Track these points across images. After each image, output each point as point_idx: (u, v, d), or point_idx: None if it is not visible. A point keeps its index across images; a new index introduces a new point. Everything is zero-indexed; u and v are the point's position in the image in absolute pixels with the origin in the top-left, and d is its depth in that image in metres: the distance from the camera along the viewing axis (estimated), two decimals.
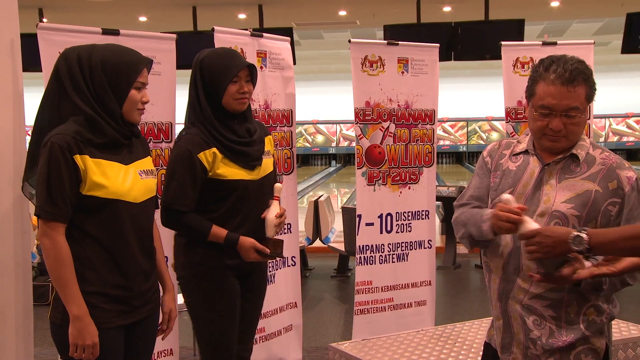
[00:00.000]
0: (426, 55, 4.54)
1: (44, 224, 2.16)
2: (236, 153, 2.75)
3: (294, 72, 4.24)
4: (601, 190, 2.03)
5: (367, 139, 4.40)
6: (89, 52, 2.23)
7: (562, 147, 2.10)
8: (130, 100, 2.23)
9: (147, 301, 2.34)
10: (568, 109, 2.04)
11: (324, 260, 7.67)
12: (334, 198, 14.84)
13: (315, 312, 5.86)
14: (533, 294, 2.08)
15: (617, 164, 2.07)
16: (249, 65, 2.78)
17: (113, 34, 3.33)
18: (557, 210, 2.05)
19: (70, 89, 2.19)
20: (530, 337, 2.10)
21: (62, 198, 2.14)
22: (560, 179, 2.09)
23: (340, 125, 23.09)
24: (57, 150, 2.12)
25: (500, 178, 2.21)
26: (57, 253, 2.15)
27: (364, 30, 11.78)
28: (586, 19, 11.82)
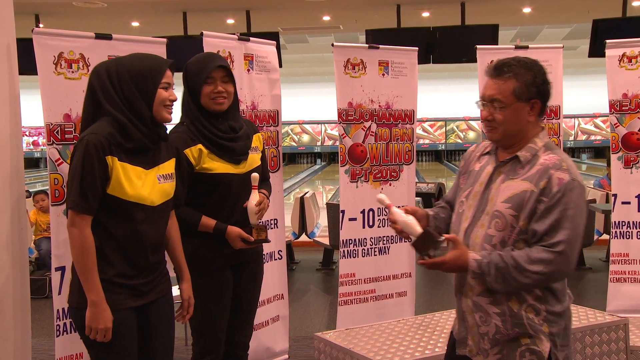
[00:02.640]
0: (406, 58, 4.55)
1: (75, 215, 2.23)
2: (221, 148, 2.77)
3: (280, 75, 4.23)
4: (535, 189, 2.01)
5: (350, 138, 4.40)
6: (116, 64, 2.33)
7: (498, 139, 2.11)
8: (158, 99, 2.30)
9: (156, 285, 2.41)
10: (491, 99, 2.07)
11: (310, 254, 7.67)
12: (319, 194, 14.83)
13: (301, 304, 5.87)
14: (479, 290, 2.09)
15: (554, 165, 2.02)
16: (222, 66, 2.77)
17: (106, 38, 3.30)
18: (497, 210, 2.05)
19: (102, 99, 2.28)
20: (480, 332, 2.12)
21: (93, 193, 2.22)
22: (504, 179, 2.09)
23: (324, 125, 23.09)
24: (92, 148, 2.20)
25: (466, 179, 2.24)
26: (83, 243, 2.23)
27: (347, 34, 11.78)
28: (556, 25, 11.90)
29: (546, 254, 1.97)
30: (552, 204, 1.97)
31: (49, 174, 3.14)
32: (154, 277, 2.40)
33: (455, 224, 2.22)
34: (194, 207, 2.74)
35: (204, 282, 2.77)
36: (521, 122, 2.08)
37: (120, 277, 2.29)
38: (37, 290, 5.82)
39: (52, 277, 3.16)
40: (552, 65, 4.77)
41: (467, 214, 2.15)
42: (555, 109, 4.81)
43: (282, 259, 4.24)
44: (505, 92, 2.05)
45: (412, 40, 5.48)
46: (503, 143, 2.13)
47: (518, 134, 2.10)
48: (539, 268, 1.97)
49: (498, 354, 2.09)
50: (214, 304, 2.82)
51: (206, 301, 2.79)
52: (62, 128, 3.15)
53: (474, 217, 2.12)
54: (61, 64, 3.14)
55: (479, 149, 2.28)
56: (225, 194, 2.78)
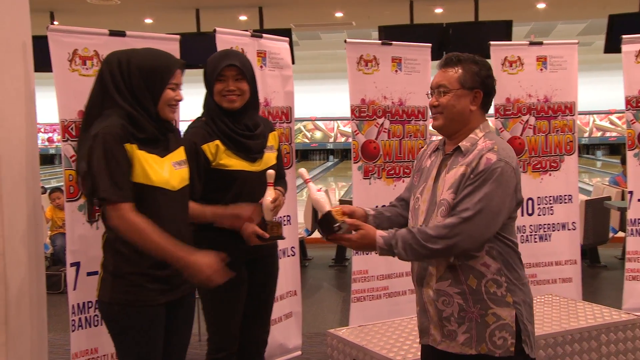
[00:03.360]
0: (419, 55, 4.53)
1: (114, 209, 2.20)
2: (238, 145, 2.78)
3: (293, 71, 4.23)
4: (469, 171, 2.09)
5: (363, 134, 4.40)
6: (128, 57, 2.32)
7: (440, 125, 2.21)
8: (164, 99, 2.31)
9: (185, 281, 2.38)
10: (437, 86, 2.20)
11: (323, 250, 7.68)
12: (332, 191, 14.84)
13: (314, 300, 5.87)
14: (438, 276, 2.15)
15: (487, 148, 2.11)
16: (234, 65, 2.77)
17: (119, 35, 3.32)
18: (443, 199, 2.13)
19: (112, 89, 2.27)
20: (444, 316, 2.15)
21: (124, 180, 2.21)
22: (448, 170, 2.17)
23: (337, 121, 23.07)
24: (110, 139, 2.19)
25: (418, 176, 2.32)
26: (137, 230, 2.20)
27: (360, 31, 11.75)
28: (571, 20, 11.80)
29: (451, 219, 2.06)
30: (473, 179, 2.07)
31: (64, 171, 3.17)
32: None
33: (412, 220, 2.30)
34: (210, 202, 2.74)
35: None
36: (463, 109, 2.18)
37: (154, 268, 2.29)
38: (52, 286, 5.86)
39: (67, 273, 3.19)
40: (567, 61, 4.75)
41: (422, 208, 2.22)
42: (570, 106, 4.77)
43: (295, 256, 4.25)
44: (450, 79, 2.18)
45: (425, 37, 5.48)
46: (446, 130, 2.22)
47: (460, 121, 2.19)
48: (444, 232, 2.04)
49: (466, 333, 2.12)
50: (228, 300, 2.83)
51: (221, 297, 2.80)
52: (76, 125, 3.17)
53: (428, 211, 2.20)
54: (76, 61, 3.17)
55: (430, 148, 2.38)
56: (241, 191, 2.79)
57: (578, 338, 3.28)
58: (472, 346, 2.11)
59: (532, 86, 4.69)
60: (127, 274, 2.28)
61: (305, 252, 7.46)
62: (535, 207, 4.71)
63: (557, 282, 4.75)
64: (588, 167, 18.72)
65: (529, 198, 4.69)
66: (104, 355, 3.28)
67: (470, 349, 2.11)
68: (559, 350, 3.22)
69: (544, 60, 4.71)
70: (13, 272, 2.79)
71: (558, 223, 4.77)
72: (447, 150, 2.23)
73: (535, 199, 4.71)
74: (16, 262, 2.84)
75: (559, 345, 3.23)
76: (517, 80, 4.67)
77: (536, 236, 4.72)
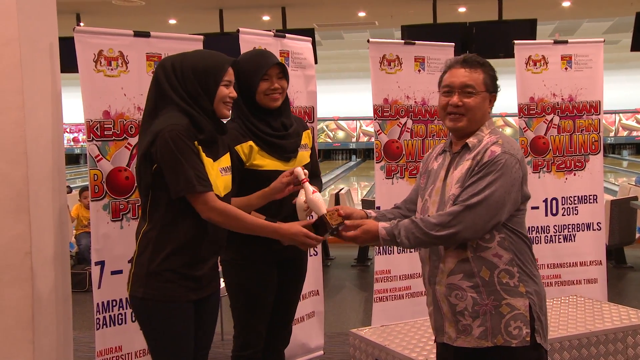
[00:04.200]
0: (442, 54, 4.51)
1: (200, 200, 2.24)
2: (271, 145, 2.78)
3: (316, 71, 4.23)
4: (473, 164, 2.13)
5: (386, 134, 4.39)
6: (181, 60, 2.36)
7: (462, 127, 2.20)
8: (219, 96, 2.34)
9: (211, 279, 2.45)
10: (464, 86, 2.18)
11: (345, 250, 7.67)
12: (354, 191, 14.81)
13: (337, 300, 5.87)
14: (449, 270, 2.17)
15: (492, 142, 2.15)
16: (279, 63, 2.79)
17: (144, 36, 3.35)
18: (452, 194, 2.15)
19: (170, 91, 2.31)
20: (458, 311, 2.16)
21: (204, 173, 2.25)
22: (456, 167, 2.20)
23: (360, 121, 23.05)
24: (179, 136, 2.21)
25: (426, 179, 2.34)
26: (231, 215, 2.28)
27: (383, 30, 11.73)
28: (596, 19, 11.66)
29: (454, 207, 2.09)
30: (477, 171, 2.10)
31: (89, 170, 3.20)
32: (211, 269, 2.45)
33: None
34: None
35: (249, 277, 2.80)
36: (484, 112, 2.23)
37: (186, 267, 2.32)
38: (77, 284, 5.94)
39: (92, 271, 3.22)
40: (593, 60, 4.69)
41: (432, 210, 2.23)
42: (595, 105, 4.71)
43: (318, 255, 4.25)
44: (477, 81, 2.19)
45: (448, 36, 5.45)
46: (465, 132, 2.22)
47: (479, 123, 2.22)
48: (447, 219, 2.07)
49: (482, 326, 2.13)
50: (257, 299, 2.83)
51: (249, 297, 2.81)
52: (101, 125, 3.20)
53: (437, 212, 2.20)
54: (101, 62, 3.20)
55: (435, 150, 2.40)
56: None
57: (603, 340, 3.24)
58: (488, 338, 2.12)
59: (557, 85, 4.64)
60: (163, 270, 2.30)
61: (328, 252, 7.46)
62: (559, 207, 4.66)
63: (582, 283, 4.70)
64: (614, 167, 18.47)
65: (553, 198, 4.64)
66: (128, 354, 3.30)
67: (486, 342, 2.12)
68: (583, 352, 3.19)
69: (569, 59, 4.66)
70: (39, 270, 2.83)
71: (583, 223, 4.71)
72: (455, 150, 2.25)
73: (559, 199, 4.66)
74: (42, 260, 2.88)
75: (583, 347, 3.19)
76: (542, 80, 4.62)
77: (560, 236, 4.67)
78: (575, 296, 3.91)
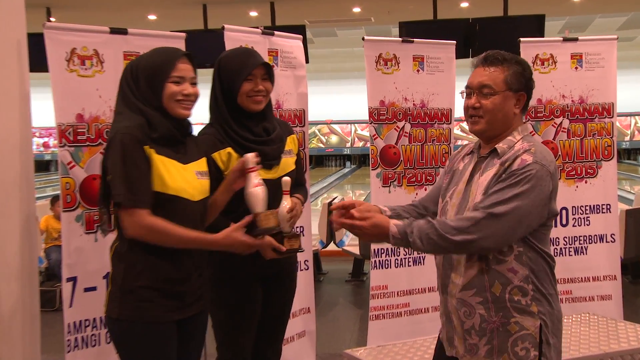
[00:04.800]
0: (442, 53, 4.53)
1: (128, 214, 2.25)
2: (252, 151, 2.77)
3: (307, 71, 4.24)
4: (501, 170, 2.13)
5: (382, 139, 4.40)
6: (138, 60, 2.44)
7: (481, 130, 2.22)
8: (166, 94, 2.35)
9: (199, 297, 2.45)
10: (481, 86, 2.19)
11: (338, 264, 7.66)
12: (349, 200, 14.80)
13: (329, 318, 5.87)
14: (460, 285, 2.19)
15: (523, 150, 2.14)
16: (264, 64, 2.80)
17: (121, 32, 3.35)
18: (476, 202, 2.14)
19: (128, 94, 2.37)
20: (465, 329, 2.20)
21: (142, 184, 2.26)
22: (482, 172, 2.20)
23: (354, 125, 23.07)
24: (129, 141, 2.24)
25: (449, 179, 2.35)
26: (157, 230, 2.27)
27: (379, 27, 11.77)
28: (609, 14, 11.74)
29: (476, 213, 2.08)
30: (505, 178, 2.10)
31: (60, 178, 3.19)
32: (197, 286, 2.44)
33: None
34: (222, 214, 2.75)
35: (231, 293, 2.81)
36: (507, 113, 2.20)
37: (169, 283, 2.33)
38: (47, 303, 5.90)
39: (63, 289, 3.20)
40: (605, 58, 4.72)
41: (451, 212, 2.25)
42: (608, 107, 4.74)
43: (309, 270, 4.24)
44: (496, 79, 2.19)
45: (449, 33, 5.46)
46: (487, 135, 2.24)
47: (502, 125, 2.21)
48: (466, 224, 2.06)
49: (488, 344, 2.16)
50: (240, 317, 2.84)
51: (232, 313, 2.82)
52: (74, 129, 3.20)
53: (456, 215, 2.22)
54: (74, 61, 3.19)
55: (464, 150, 2.41)
56: None
57: None
58: (494, 357, 2.15)
59: (566, 86, 4.67)
60: (138, 288, 2.30)
61: (320, 266, 7.45)
62: (569, 218, 4.68)
63: (595, 300, 4.71)
64: (629, 174, 18.55)
65: (562, 207, 4.65)
66: None
67: None
68: None
69: (579, 58, 4.69)
70: (4, 287, 2.82)
71: (595, 235, 4.73)
72: (482, 153, 2.26)
73: (569, 209, 4.68)
74: (7, 276, 2.87)
75: None
76: (550, 80, 4.64)
77: (571, 249, 4.68)
78: (587, 314, 3.92)
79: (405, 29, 7.19)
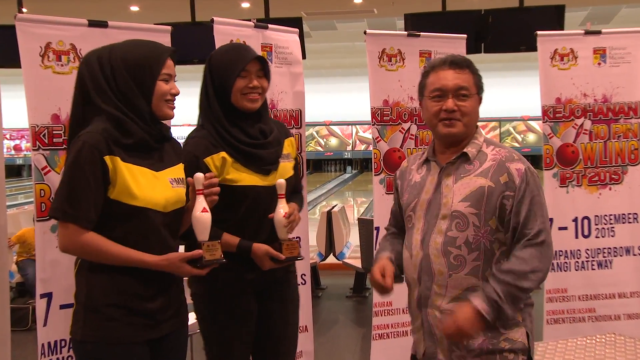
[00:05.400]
0: (452, 48, 4.52)
1: (62, 227, 2.26)
2: (247, 156, 2.78)
3: (304, 68, 4.24)
4: (493, 185, 2.30)
5: (386, 141, 4.40)
6: (109, 52, 2.36)
7: (457, 133, 2.36)
8: (157, 93, 2.34)
9: (173, 315, 2.43)
10: (458, 88, 2.35)
11: (338, 278, 7.67)
12: (350, 208, 14.84)
13: (329, 337, 5.86)
14: (450, 297, 2.32)
15: (506, 158, 2.34)
16: (259, 58, 2.80)
17: (100, 25, 3.35)
18: (456, 210, 2.31)
19: (94, 94, 2.30)
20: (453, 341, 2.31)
21: (86, 200, 2.23)
22: (456, 179, 2.36)
23: (356, 126, 23.11)
24: (86, 149, 2.22)
25: (408, 193, 2.49)
26: (88, 246, 2.26)
27: (382, 20, 11.79)
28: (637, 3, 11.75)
29: (532, 249, 2.26)
30: (520, 196, 2.28)
31: (34, 185, 3.18)
32: (170, 302, 2.42)
33: (407, 239, 2.47)
34: (216, 223, 2.73)
35: (223, 310, 2.80)
36: (477, 115, 2.41)
37: (137, 299, 2.31)
38: (18, 322, 5.88)
39: (37, 306, 3.19)
40: (632, 53, 4.72)
41: (418, 225, 2.41)
42: (634, 107, 4.73)
43: (306, 284, 4.23)
44: (469, 82, 2.38)
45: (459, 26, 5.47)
46: (459, 138, 2.39)
47: (473, 127, 2.41)
48: (536, 264, 2.25)
49: (476, 358, 2.30)
50: (233, 336, 2.83)
51: (224, 332, 2.81)
52: (49, 131, 3.20)
53: (426, 226, 2.37)
54: (49, 56, 3.19)
55: (411, 162, 2.58)
56: (252, 209, 2.78)
57: None
58: None
59: (588, 84, 4.67)
60: (102, 306, 2.29)
61: (319, 281, 7.46)
62: (592, 228, 4.67)
63: (621, 319, 4.70)
64: None
65: (584, 217, 4.66)
66: None
67: None
68: None
69: (603, 53, 4.70)
70: None
71: (621, 247, 4.72)
72: (445, 160, 2.41)
73: (592, 218, 4.68)
74: None
75: None
76: (570, 77, 4.65)
77: (594, 263, 4.68)
78: (613, 334, 3.90)
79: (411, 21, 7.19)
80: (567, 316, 4.59)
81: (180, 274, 2.36)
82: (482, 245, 2.30)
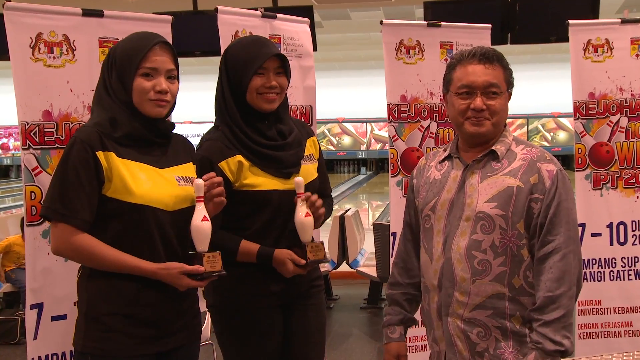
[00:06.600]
0: (475, 39, 4.52)
1: (54, 227, 2.29)
2: (265, 159, 2.77)
3: (315, 61, 4.25)
4: (523, 185, 2.29)
5: (403, 140, 4.40)
6: (116, 45, 2.44)
7: (486, 132, 2.36)
8: (136, 90, 2.35)
9: (183, 326, 2.43)
10: (488, 85, 2.33)
11: (352, 288, 7.67)
12: (364, 212, 14.83)
13: (342, 351, 5.86)
14: (473, 305, 2.32)
15: (537, 157, 2.34)
16: (279, 55, 2.79)
17: (96, 15, 3.36)
18: (481, 211, 2.31)
19: (99, 85, 2.41)
20: (477, 351, 2.32)
21: (79, 198, 2.26)
22: (481, 178, 2.36)
23: (371, 124, 23.12)
24: (78, 145, 2.26)
25: (426, 191, 2.50)
26: (83, 254, 2.29)
27: (400, 8, 11.79)
28: None
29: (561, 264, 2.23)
30: (549, 200, 2.27)
31: (24, 186, 3.19)
32: (180, 312, 2.43)
33: (426, 241, 2.46)
34: (234, 232, 2.74)
35: (245, 324, 2.79)
36: (506, 114, 2.41)
37: (139, 307, 2.32)
38: (5, 335, 5.90)
39: (27, 317, 3.20)
40: None
41: (438, 226, 2.41)
42: None
43: None
44: (500, 78, 2.37)
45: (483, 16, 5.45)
46: (488, 137, 2.38)
47: (501, 126, 2.41)
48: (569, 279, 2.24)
49: None
50: (255, 352, 2.81)
51: (243, 347, 2.80)
52: (40, 128, 3.21)
53: (448, 228, 2.37)
54: (40, 48, 3.20)
55: (430, 159, 2.59)
56: (273, 216, 2.77)
57: None
58: None
59: (625, 77, 4.65)
60: (102, 315, 2.30)
61: (331, 291, 7.46)
62: (629, 235, 4.65)
63: None
64: None
65: (620, 222, 4.63)
66: None
67: None
68: None
69: None
70: None
71: None
72: (471, 158, 2.40)
73: (629, 224, 4.65)
74: None
75: None
76: (604, 70, 4.63)
77: (631, 272, 4.65)
78: None
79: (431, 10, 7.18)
80: (601, 330, 4.56)
81: (178, 286, 2.35)
82: (509, 250, 2.29)
